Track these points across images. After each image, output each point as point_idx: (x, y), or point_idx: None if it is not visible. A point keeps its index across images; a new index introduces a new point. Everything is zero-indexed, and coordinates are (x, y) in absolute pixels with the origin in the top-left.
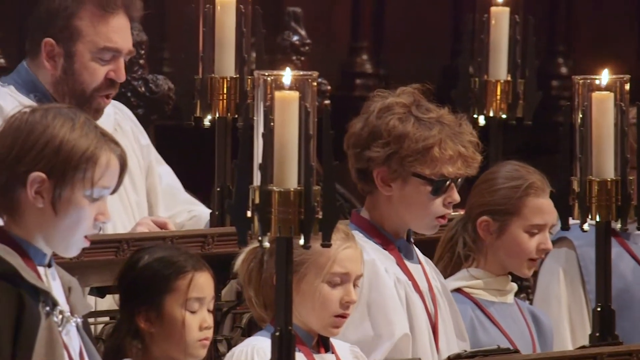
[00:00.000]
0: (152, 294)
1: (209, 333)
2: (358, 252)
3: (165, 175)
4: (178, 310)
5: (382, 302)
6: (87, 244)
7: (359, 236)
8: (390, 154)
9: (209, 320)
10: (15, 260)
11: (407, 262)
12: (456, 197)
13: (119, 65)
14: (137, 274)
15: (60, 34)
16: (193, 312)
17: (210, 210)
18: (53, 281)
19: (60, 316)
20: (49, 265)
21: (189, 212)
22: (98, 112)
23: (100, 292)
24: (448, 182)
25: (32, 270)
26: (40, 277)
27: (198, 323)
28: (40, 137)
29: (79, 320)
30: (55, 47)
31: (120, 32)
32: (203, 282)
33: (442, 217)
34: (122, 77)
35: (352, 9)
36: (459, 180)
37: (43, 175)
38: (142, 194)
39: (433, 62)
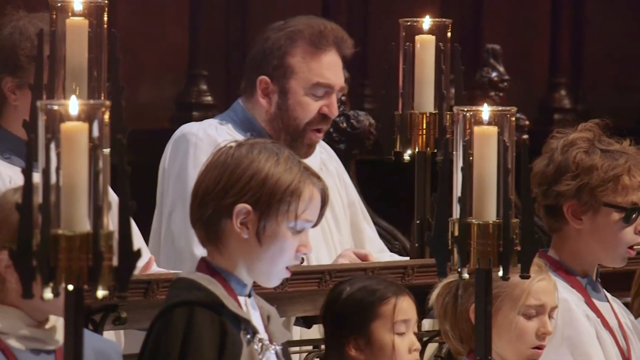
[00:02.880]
0: (359, 323)
1: (417, 355)
2: (552, 284)
3: (367, 229)
4: (387, 335)
5: (577, 338)
6: (288, 275)
7: None
8: (581, 186)
9: (417, 343)
10: (218, 290)
11: (595, 300)
12: None
13: (331, 101)
14: (342, 305)
15: (275, 71)
16: (401, 335)
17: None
18: (253, 310)
19: (260, 344)
20: (249, 296)
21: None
22: (310, 147)
23: (306, 322)
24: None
25: (234, 299)
26: (241, 306)
27: (407, 346)
28: (247, 170)
29: (278, 347)
30: (270, 84)
31: (332, 69)
32: (406, 306)
33: (632, 247)
34: (334, 112)
35: (551, 45)
36: None
37: (249, 207)
38: (345, 231)
39: (632, 97)
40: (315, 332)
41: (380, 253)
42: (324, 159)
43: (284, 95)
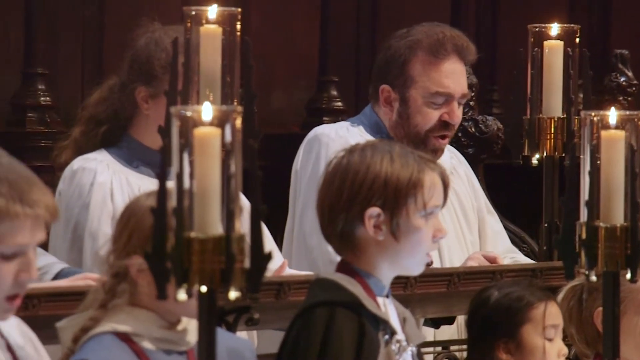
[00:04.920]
0: (509, 326)
1: None
2: None
3: (492, 222)
4: (538, 339)
5: None
6: (429, 259)
7: None
8: None
9: (565, 348)
10: (357, 290)
11: None
12: None
13: (452, 108)
14: (491, 309)
15: (396, 80)
16: (550, 340)
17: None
18: (390, 311)
19: (397, 344)
20: (387, 296)
21: (511, 259)
22: (436, 152)
23: (434, 323)
24: None
25: (373, 300)
26: (379, 307)
27: (556, 351)
28: (367, 175)
29: (414, 349)
30: (391, 93)
31: (452, 77)
32: (555, 311)
33: None
34: (455, 119)
35: None
36: None
37: (378, 209)
38: (476, 233)
39: None
40: (443, 332)
41: (511, 253)
42: (454, 164)
43: (405, 104)
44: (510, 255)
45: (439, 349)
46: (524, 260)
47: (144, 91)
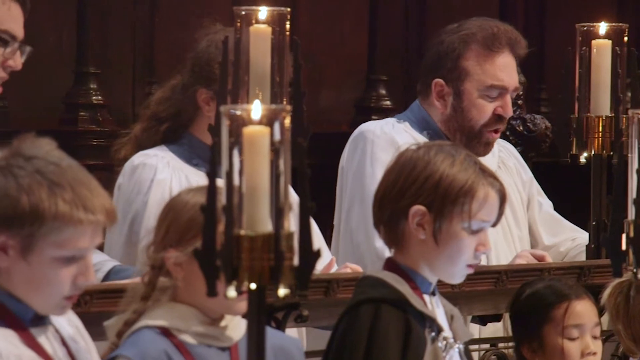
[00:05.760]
0: (532, 325)
1: (594, 359)
2: None
3: (546, 205)
4: (557, 339)
5: None
6: (471, 271)
7: None
8: None
9: (592, 346)
10: (404, 288)
11: None
12: None
13: (505, 102)
14: (519, 307)
15: (449, 74)
16: (572, 340)
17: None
18: (437, 309)
19: (444, 342)
20: (433, 294)
21: (572, 240)
22: (488, 145)
23: (482, 320)
24: None
25: (419, 297)
26: (426, 304)
27: (579, 350)
28: (422, 172)
29: (462, 346)
30: (444, 87)
31: (505, 70)
32: (580, 310)
33: None
34: (509, 112)
35: None
36: None
37: (424, 208)
38: (524, 228)
39: None
40: (491, 330)
41: (576, 232)
42: (502, 157)
43: (459, 98)
44: (572, 236)
45: (485, 346)
46: (587, 240)
47: (205, 93)
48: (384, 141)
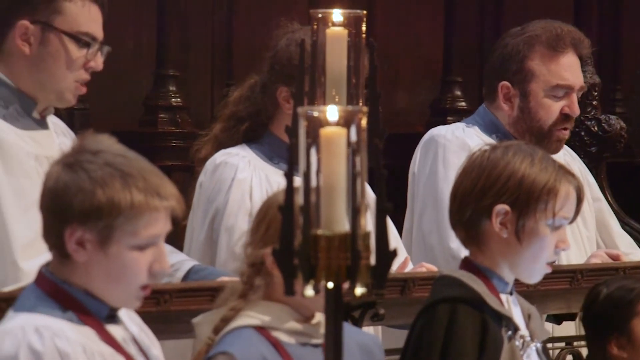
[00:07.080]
0: (619, 321)
1: None
2: None
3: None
4: None
5: None
6: (549, 270)
7: None
8: None
9: None
10: (480, 287)
11: None
12: None
13: (572, 100)
14: (601, 305)
15: (515, 76)
16: None
17: None
18: (514, 308)
19: (521, 340)
20: (511, 293)
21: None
22: (560, 142)
23: (557, 319)
24: None
25: (495, 297)
26: (502, 303)
27: None
28: (503, 172)
29: (539, 345)
30: (511, 89)
31: (570, 70)
32: None
33: None
34: (576, 111)
35: None
36: None
37: (507, 207)
38: (592, 229)
39: None
40: (566, 328)
41: (631, 248)
42: (567, 161)
43: (526, 99)
44: (629, 252)
45: (560, 344)
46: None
47: (285, 91)
48: (456, 145)
